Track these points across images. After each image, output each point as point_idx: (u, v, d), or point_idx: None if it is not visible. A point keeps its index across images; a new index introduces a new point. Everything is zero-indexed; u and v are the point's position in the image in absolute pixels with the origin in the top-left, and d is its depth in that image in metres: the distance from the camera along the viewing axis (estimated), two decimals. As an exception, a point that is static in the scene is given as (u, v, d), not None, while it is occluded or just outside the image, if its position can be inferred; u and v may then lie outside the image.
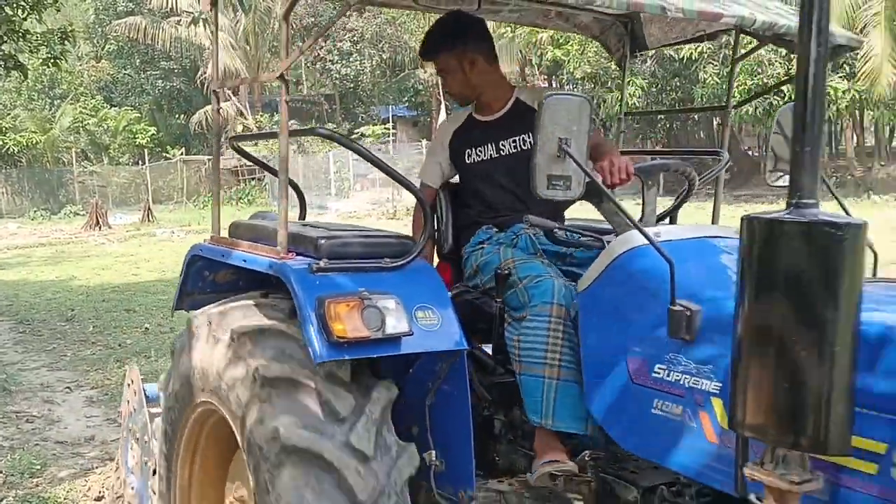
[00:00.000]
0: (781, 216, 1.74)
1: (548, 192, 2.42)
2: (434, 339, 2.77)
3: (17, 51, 12.08)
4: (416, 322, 2.74)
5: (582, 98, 2.48)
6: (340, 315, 2.60)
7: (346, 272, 2.81)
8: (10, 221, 33.24)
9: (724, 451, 2.11)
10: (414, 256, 2.94)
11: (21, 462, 6.20)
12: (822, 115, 1.75)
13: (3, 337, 10.59)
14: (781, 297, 1.71)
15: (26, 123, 38.70)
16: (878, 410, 1.88)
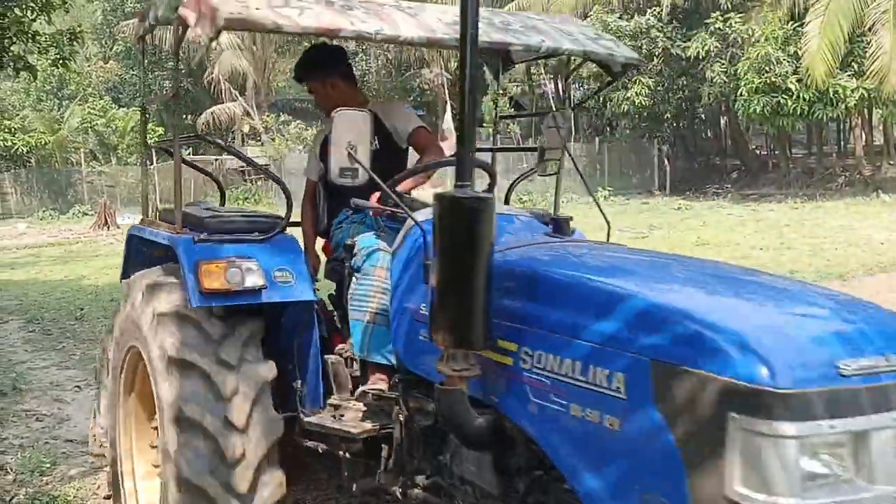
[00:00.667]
0: (451, 193, 2.65)
1: (340, 179, 3.12)
2: (287, 292, 3.73)
3: (27, 52, 12.14)
4: (273, 280, 3.69)
5: (364, 113, 3.15)
6: (210, 273, 3.58)
7: (221, 243, 3.76)
8: (20, 221, 33.35)
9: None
10: (277, 231, 3.90)
11: (31, 460, 6.23)
12: (474, 123, 2.75)
13: (13, 336, 10.64)
14: (452, 248, 2.62)
15: (35, 124, 38.82)
16: (508, 321, 2.76)
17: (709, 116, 34.02)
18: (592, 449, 2.44)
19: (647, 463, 2.25)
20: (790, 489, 2.01)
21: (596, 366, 2.42)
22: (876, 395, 2.11)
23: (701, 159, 35.14)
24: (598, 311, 2.50)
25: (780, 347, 2.12)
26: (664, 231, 20.17)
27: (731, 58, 26.79)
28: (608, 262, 3.12)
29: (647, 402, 2.25)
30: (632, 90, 28.44)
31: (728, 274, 2.98)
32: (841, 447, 2.07)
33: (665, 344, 2.25)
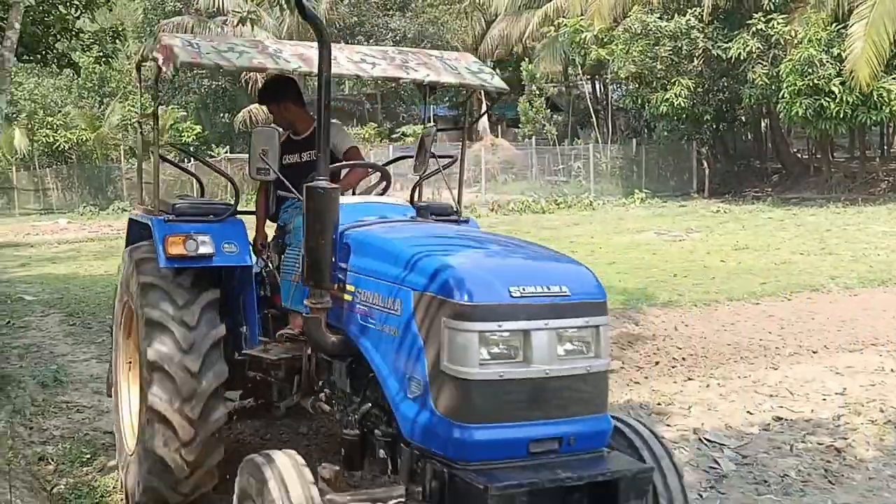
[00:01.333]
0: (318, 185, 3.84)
1: (257, 175, 4.29)
2: (231, 259, 4.97)
3: (71, 49, 12.27)
4: (221, 250, 4.92)
5: (272, 129, 4.36)
6: (173, 243, 4.80)
7: (185, 222, 4.99)
8: (61, 216, 33.82)
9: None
10: (228, 215, 5.15)
11: (72, 451, 6.31)
12: (328, 135, 3.99)
13: (55, 329, 10.78)
14: (311, 221, 3.85)
15: (77, 121, 39.31)
16: (352, 272, 4.07)
17: (749, 119, 33.60)
18: (384, 349, 3.75)
19: (408, 355, 3.56)
20: (474, 364, 3.28)
21: (387, 296, 3.73)
22: (534, 310, 3.35)
23: (741, 162, 34.75)
24: (392, 262, 3.79)
25: (474, 278, 3.39)
26: (702, 234, 19.98)
27: (772, 59, 26.45)
28: (414, 234, 4.28)
29: (410, 317, 3.55)
30: (671, 91, 28.18)
31: (477, 237, 4.44)
32: (512, 340, 3.33)
33: (419, 279, 3.54)
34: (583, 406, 3.47)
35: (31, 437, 6.66)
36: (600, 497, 3.34)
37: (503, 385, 3.32)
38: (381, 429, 3.91)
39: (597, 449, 3.52)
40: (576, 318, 3.43)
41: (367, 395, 4.07)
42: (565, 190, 32.36)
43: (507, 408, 3.34)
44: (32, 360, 9.07)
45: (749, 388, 7.61)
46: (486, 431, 3.30)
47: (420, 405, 3.46)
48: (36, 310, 12.30)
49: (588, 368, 3.45)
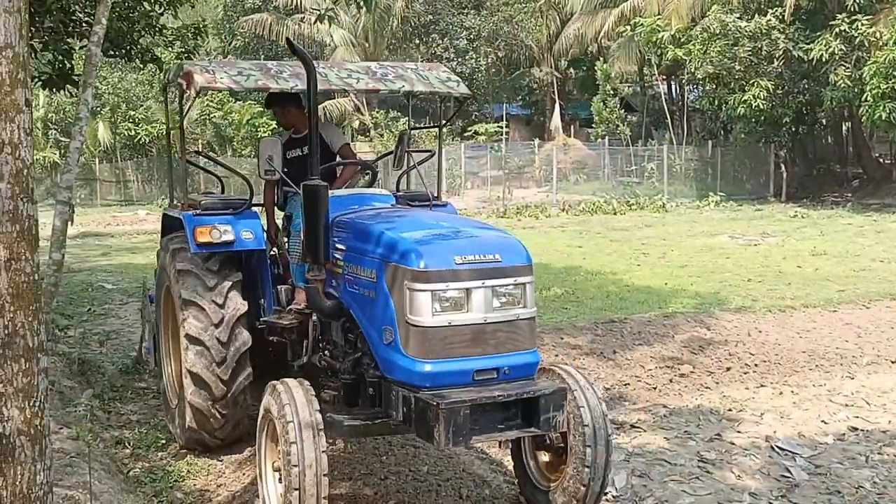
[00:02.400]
0: (311, 183, 4.90)
1: (265, 176, 5.53)
2: (248, 244, 6.07)
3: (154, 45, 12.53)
4: (241, 237, 6.03)
5: (275, 139, 5.84)
6: (202, 233, 5.92)
7: (210, 216, 6.07)
8: (140, 208, 34.61)
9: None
10: (244, 208, 6.23)
11: (148, 436, 6.48)
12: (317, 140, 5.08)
13: (132, 317, 11.05)
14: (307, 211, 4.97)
15: (157, 115, 40.20)
16: (342, 250, 5.10)
17: (830, 122, 32.79)
18: (366, 309, 4.78)
19: (383, 311, 4.58)
20: (429, 315, 4.35)
21: (367, 267, 4.77)
22: (473, 273, 4.42)
23: (820, 166, 33.95)
24: (369, 240, 4.82)
25: (427, 250, 4.44)
26: (778, 239, 19.57)
27: (856, 61, 25.79)
28: (388, 218, 5.20)
29: (382, 282, 4.59)
30: (749, 93, 27.65)
31: (439, 219, 5.22)
32: (458, 296, 4.40)
33: (389, 252, 4.58)
34: (515, 344, 4.53)
35: (110, 422, 6.86)
36: (528, 410, 4.45)
37: (452, 329, 4.39)
38: (370, 372, 4.85)
39: (528, 377, 4.58)
40: (506, 278, 4.49)
41: (357, 347, 5.08)
42: (637, 191, 31.98)
43: (455, 347, 4.40)
44: (112, 346, 9.34)
45: (824, 396, 7.46)
46: (440, 365, 4.38)
47: (393, 349, 4.51)
48: (115, 298, 12.64)
49: (518, 315, 4.54)
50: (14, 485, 3.33)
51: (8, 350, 3.28)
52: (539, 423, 4.42)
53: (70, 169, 6.99)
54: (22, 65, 3.27)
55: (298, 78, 5.93)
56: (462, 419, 4.18)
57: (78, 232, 23.38)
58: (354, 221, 5.19)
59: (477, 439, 4.54)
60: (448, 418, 4.15)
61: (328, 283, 5.19)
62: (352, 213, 5.37)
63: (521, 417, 4.46)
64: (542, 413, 4.40)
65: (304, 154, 6.09)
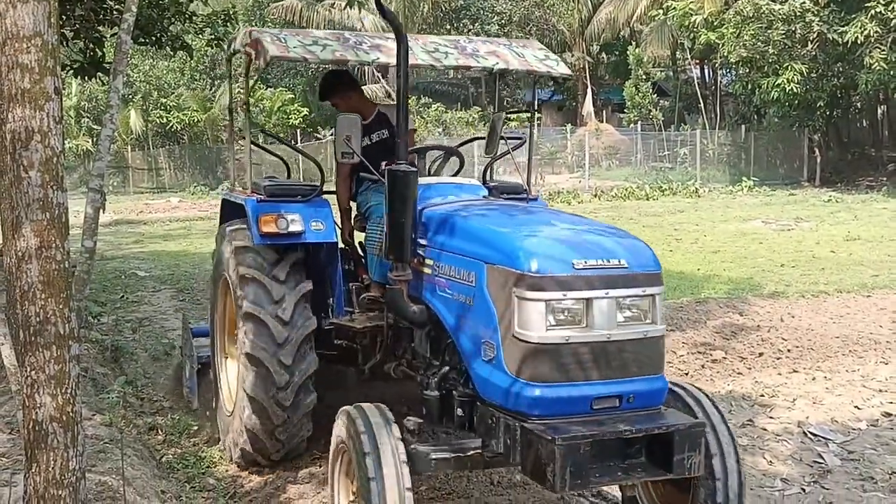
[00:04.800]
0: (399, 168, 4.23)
1: (342, 159, 4.72)
2: (319, 236, 5.42)
3: (184, 32, 12.60)
4: (310, 228, 5.38)
5: (354, 117, 4.75)
6: (266, 222, 5.29)
7: (275, 202, 5.44)
8: (172, 195, 34.91)
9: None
10: (313, 196, 5.58)
11: (180, 422, 6.52)
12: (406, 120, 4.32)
13: (165, 304, 11.15)
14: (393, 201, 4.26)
15: (188, 102, 40.46)
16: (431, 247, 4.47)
17: (865, 105, 32.32)
18: (461, 317, 4.16)
19: (484, 322, 3.95)
20: (541, 329, 3.66)
21: (462, 268, 4.15)
22: (595, 280, 3.70)
23: (855, 150, 33.47)
24: (466, 238, 4.22)
25: (541, 253, 3.77)
26: (812, 224, 19.33)
27: (892, 43, 25.33)
28: (486, 212, 4.62)
29: (483, 287, 3.96)
30: (783, 77, 27.28)
31: (545, 215, 4.56)
32: (575, 308, 3.68)
33: (493, 253, 3.94)
34: (641, 367, 3.80)
35: (143, 408, 6.92)
36: (657, 449, 3.69)
37: (568, 348, 3.68)
38: (459, 389, 4.28)
39: (654, 406, 3.87)
40: (633, 288, 3.77)
41: (445, 359, 4.50)
42: (670, 176, 31.74)
43: (571, 368, 3.69)
44: (144, 333, 9.41)
45: (857, 382, 7.36)
46: (553, 389, 3.69)
47: (494, 367, 3.86)
48: (148, 285, 12.74)
49: (645, 333, 3.80)
50: (47, 471, 3.36)
51: (39, 338, 3.31)
52: (672, 466, 3.65)
53: (101, 157, 7.00)
54: (51, 53, 3.28)
55: (380, 50, 5.24)
56: (582, 458, 3.50)
57: (111, 220, 23.64)
58: (449, 214, 4.53)
59: (597, 482, 3.78)
60: (566, 456, 3.47)
61: (412, 284, 4.52)
62: (441, 205, 4.76)
63: (647, 455, 3.72)
64: (676, 453, 3.64)
65: (373, 142, 5.82)
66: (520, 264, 3.72)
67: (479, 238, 4.11)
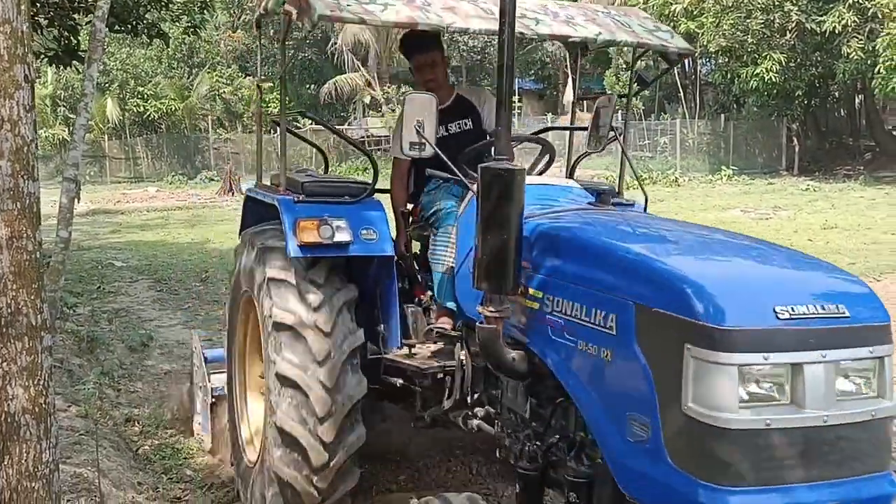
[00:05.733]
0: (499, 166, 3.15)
1: (409, 152, 3.68)
2: (370, 247, 4.31)
3: (160, 20, 12.49)
4: (359, 236, 4.27)
5: (430, 97, 3.69)
6: (306, 229, 4.17)
7: (316, 204, 4.36)
8: (150, 185, 34.67)
9: None
10: (365, 196, 4.49)
11: (157, 414, 6.48)
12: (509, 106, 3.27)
13: (143, 295, 11.08)
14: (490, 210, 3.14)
15: (166, 91, 40.18)
16: (538, 273, 3.39)
17: (843, 95, 32.49)
18: (593, 377, 3.04)
19: (631, 387, 2.82)
20: (730, 407, 2.53)
21: (596, 308, 3.01)
22: (807, 336, 2.59)
23: (832, 139, 33.68)
24: (600, 264, 3.12)
25: (727, 293, 2.65)
26: (790, 213, 19.45)
27: (869, 33, 25.47)
28: (617, 226, 3.63)
29: (630, 337, 2.83)
30: (762, 66, 27.38)
31: (706, 234, 3.60)
32: (777, 376, 2.59)
33: (645, 290, 2.83)
34: (863, 463, 2.69)
35: (119, 399, 6.87)
36: None
37: (769, 436, 2.56)
38: (573, 467, 3.28)
39: None
40: (858, 347, 2.65)
41: (553, 425, 3.48)
42: (650, 165, 31.83)
43: (771, 465, 2.58)
44: (121, 324, 9.35)
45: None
46: (743, 497, 2.55)
47: (646, 454, 2.74)
48: (125, 275, 12.66)
49: (873, 413, 2.67)
50: (20, 463, 3.32)
51: (11, 329, 3.26)
52: None
53: (76, 146, 6.96)
54: (20, 40, 3.22)
55: (454, 13, 4.10)
56: None
57: (88, 209, 23.46)
58: (566, 229, 3.52)
59: None
60: None
61: (515, 326, 3.47)
62: (546, 215, 3.71)
63: None
64: None
65: (450, 134, 4.86)
66: (698, 310, 2.60)
67: (623, 267, 2.99)
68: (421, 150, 3.65)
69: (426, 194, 4.80)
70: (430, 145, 3.62)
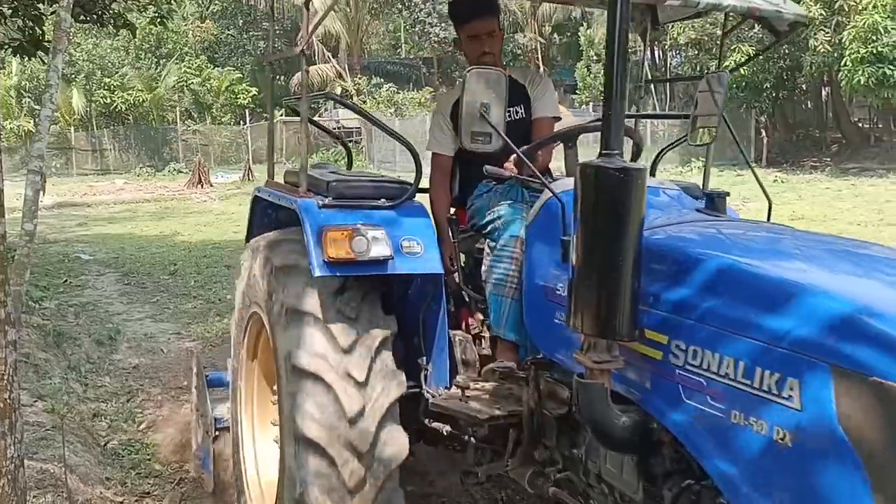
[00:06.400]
0: (597, 163, 2.33)
1: (472, 145, 2.94)
2: (414, 263, 3.48)
3: (126, 10, 12.35)
4: (400, 250, 3.44)
5: (498, 72, 2.96)
6: (335, 241, 3.33)
7: (346, 208, 3.53)
8: (117, 177, 34.34)
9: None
10: (405, 198, 3.64)
11: (125, 408, 6.42)
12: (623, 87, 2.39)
13: (110, 288, 10.97)
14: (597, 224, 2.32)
15: (133, 82, 39.80)
16: (658, 309, 2.51)
17: (810, 87, 32.82)
18: (757, 463, 2.14)
19: (826, 483, 1.96)
20: None
21: (763, 367, 2.13)
22: None
23: (800, 131, 34.00)
24: (767, 303, 2.19)
25: None
26: (758, 204, 19.57)
27: (835, 26, 25.73)
28: (775, 246, 2.79)
29: (828, 413, 1.95)
30: (730, 58, 27.60)
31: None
32: None
33: (850, 348, 1.94)
34: None
35: (87, 394, 6.78)
36: None
37: None
38: None
39: None
40: None
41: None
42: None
43: None
44: (88, 318, 9.24)
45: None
46: None
47: None
48: (92, 269, 12.53)
49: None
50: (-16, 460, 3.28)
51: (-26, 324, 3.22)
52: None
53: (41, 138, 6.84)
54: (-18, 30, 3.17)
55: None
56: None
57: (54, 202, 23.19)
58: (702, 249, 2.59)
59: None
60: None
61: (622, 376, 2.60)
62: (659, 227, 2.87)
63: None
64: None
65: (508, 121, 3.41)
66: None
67: (811, 312, 2.10)
68: (485, 144, 2.94)
69: (477, 197, 3.95)
70: (498, 135, 2.90)
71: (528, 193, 3.71)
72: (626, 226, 2.29)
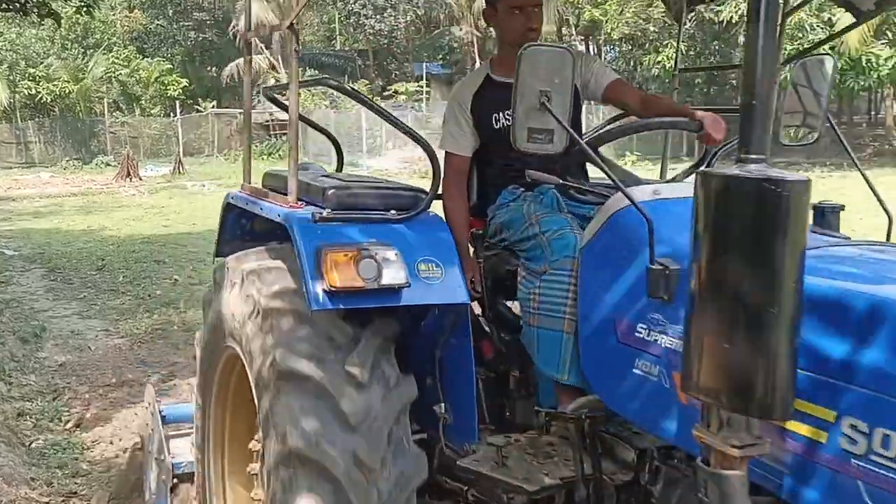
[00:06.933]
0: (732, 173, 1.66)
1: (528, 145, 2.35)
2: (434, 292, 2.77)
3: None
4: (416, 274, 2.74)
5: (564, 49, 2.36)
6: (337, 264, 2.61)
7: (349, 222, 2.84)
8: (43, 171, 33.47)
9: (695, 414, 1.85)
10: (422, 209, 2.94)
11: (51, 407, 6.26)
12: (772, 73, 1.80)
13: (36, 284, 10.70)
14: (731, 253, 1.63)
15: (59, 72, 38.82)
16: (830, 377, 1.82)
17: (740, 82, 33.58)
18: None
19: None
20: None
21: None
22: None
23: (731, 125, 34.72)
24: None
25: None
26: (690, 197, 19.98)
27: (764, 22, 26.31)
28: None
29: None
30: (663, 54, 28.05)
31: None
32: None
33: None
34: None
35: (11, 393, 6.59)
36: None
37: None
38: None
39: None
40: None
41: None
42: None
43: None
44: (13, 315, 8.99)
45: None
46: None
47: None
48: (17, 265, 12.22)
49: None
50: None
51: None
52: None
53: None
54: None
55: None
56: None
57: (-24, 196, 22.53)
58: (862, 288, 1.92)
59: None
60: None
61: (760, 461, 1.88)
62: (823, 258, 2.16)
63: None
64: None
65: None
66: None
67: None
68: (546, 145, 2.35)
69: (502, 206, 3.24)
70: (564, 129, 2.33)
71: (565, 202, 3.08)
72: (782, 261, 1.59)
